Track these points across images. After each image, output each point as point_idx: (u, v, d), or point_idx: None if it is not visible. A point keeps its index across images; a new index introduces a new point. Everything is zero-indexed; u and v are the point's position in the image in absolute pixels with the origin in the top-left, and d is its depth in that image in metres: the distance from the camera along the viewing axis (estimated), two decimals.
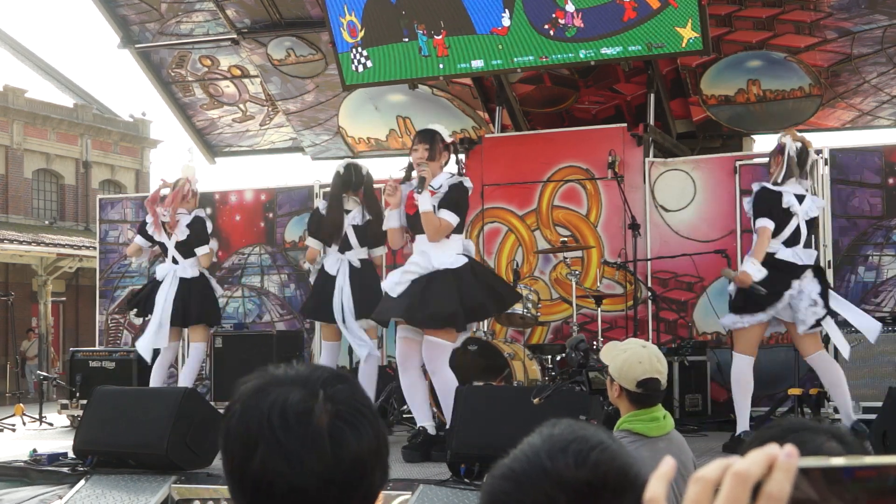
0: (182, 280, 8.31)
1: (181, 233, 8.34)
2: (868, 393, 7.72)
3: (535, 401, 4.70)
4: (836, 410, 7.73)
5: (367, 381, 7.81)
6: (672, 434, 3.77)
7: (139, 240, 8.64)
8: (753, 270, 6.70)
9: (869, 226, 8.93)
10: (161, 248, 8.55)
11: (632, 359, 3.79)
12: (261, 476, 1.31)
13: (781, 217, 6.77)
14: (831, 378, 6.86)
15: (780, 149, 6.90)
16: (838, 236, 8.97)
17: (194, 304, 8.33)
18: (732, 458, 0.86)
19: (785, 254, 6.79)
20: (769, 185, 6.86)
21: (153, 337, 8.31)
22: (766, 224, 6.75)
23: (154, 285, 8.47)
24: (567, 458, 1.17)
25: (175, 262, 8.38)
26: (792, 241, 6.80)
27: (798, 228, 6.80)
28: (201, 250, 8.37)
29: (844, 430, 1.41)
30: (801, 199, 6.81)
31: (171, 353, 8.55)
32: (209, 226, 8.57)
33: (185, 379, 8.40)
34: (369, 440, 1.35)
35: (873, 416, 6.81)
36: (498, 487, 1.19)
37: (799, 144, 6.85)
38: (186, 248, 8.38)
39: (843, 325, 7.96)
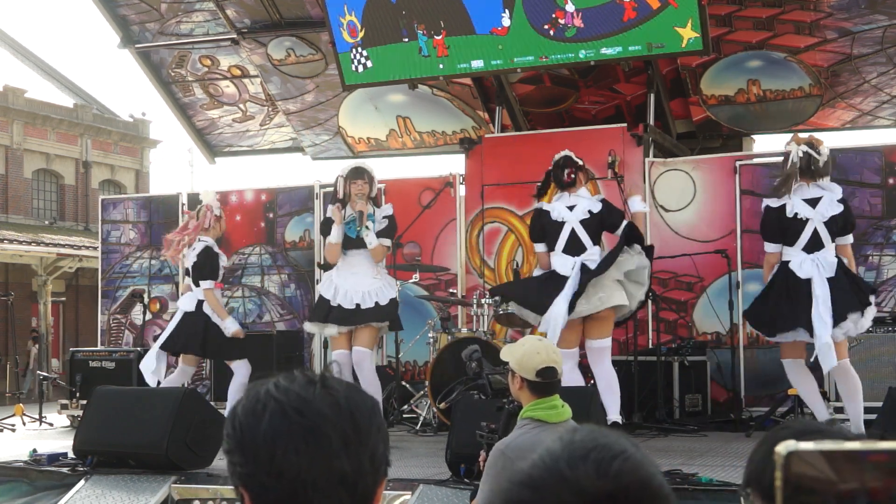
0: (185, 314, 8.22)
1: (191, 258, 8.22)
2: (868, 393, 7.70)
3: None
4: (837, 411, 7.71)
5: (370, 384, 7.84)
6: (569, 422, 4.05)
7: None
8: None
9: (869, 226, 8.92)
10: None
11: (530, 350, 4.15)
12: (271, 433, 1.32)
13: (792, 229, 6.72)
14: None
15: (785, 157, 6.87)
16: None
17: (184, 335, 8.18)
18: None
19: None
20: (770, 203, 6.87)
21: (147, 360, 8.39)
22: (766, 248, 6.93)
23: None
24: (587, 467, 1.13)
25: (191, 288, 8.31)
26: (811, 248, 6.69)
27: (815, 233, 6.70)
28: (205, 284, 8.15)
29: (858, 434, 1.41)
30: (814, 202, 6.72)
31: (179, 376, 8.37)
32: (223, 259, 8.34)
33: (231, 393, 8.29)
34: (371, 400, 1.40)
35: (873, 416, 6.81)
36: (516, 494, 1.16)
37: (804, 148, 6.75)
38: (195, 275, 8.23)
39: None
